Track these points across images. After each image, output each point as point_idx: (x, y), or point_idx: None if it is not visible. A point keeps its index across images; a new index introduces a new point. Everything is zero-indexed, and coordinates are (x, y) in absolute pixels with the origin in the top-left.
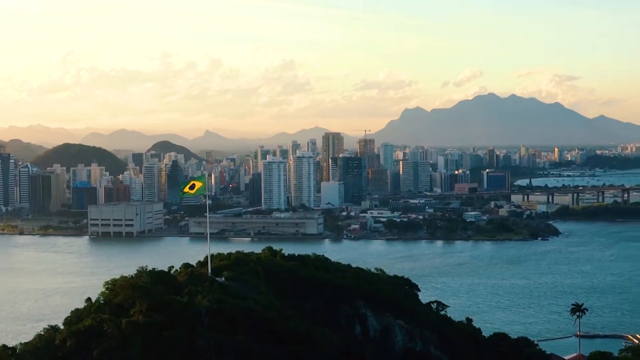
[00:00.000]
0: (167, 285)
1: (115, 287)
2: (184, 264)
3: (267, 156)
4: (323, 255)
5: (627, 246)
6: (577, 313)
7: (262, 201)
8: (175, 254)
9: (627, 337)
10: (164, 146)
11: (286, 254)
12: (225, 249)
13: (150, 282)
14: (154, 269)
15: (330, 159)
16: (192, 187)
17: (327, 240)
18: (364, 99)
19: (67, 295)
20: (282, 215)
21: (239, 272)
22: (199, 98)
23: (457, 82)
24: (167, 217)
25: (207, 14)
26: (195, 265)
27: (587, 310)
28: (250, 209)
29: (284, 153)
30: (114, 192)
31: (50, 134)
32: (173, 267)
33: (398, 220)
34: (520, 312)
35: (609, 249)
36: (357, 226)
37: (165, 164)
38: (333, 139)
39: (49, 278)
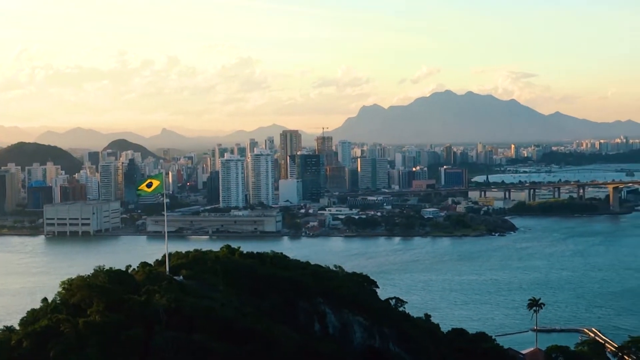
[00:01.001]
0: (125, 284)
1: (71, 286)
2: (141, 263)
3: (225, 154)
4: (281, 253)
5: (582, 241)
6: (534, 308)
7: (220, 199)
8: (132, 253)
9: (583, 331)
10: (120, 144)
11: (244, 252)
12: (183, 247)
13: (107, 281)
14: (111, 268)
15: (288, 157)
16: (149, 185)
17: (285, 238)
18: (322, 96)
19: (22, 296)
20: (241, 213)
21: (197, 271)
22: (156, 96)
23: (414, 79)
24: (124, 216)
25: (164, 12)
26: (153, 264)
27: (543, 305)
28: (208, 207)
29: (242, 151)
30: (70, 192)
31: (5, 133)
32: (130, 266)
33: (356, 217)
34: (478, 308)
35: (565, 244)
36: (315, 223)
37: (122, 163)
38: (291, 137)
39: (3, 278)
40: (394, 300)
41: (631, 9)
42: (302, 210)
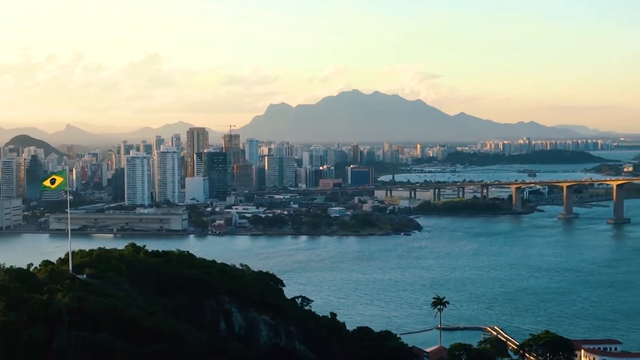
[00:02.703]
0: (26, 283)
1: None
2: (44, 261)
3: (131, 151)
4: (187, 252)
5: (486, 240)
6: (438, 306)
7: (125, 197)
8: (34, 251)
9: (486, 329)
10: (22, 140)
11: (150, 250)
12: (87, 245)
13: (8, 280)
14: (12, 266)
15: (195, 154)
16: (52, 182)
17: (191, 236)
18: (230, 94)
19: None
20: (146, 211)
21: (101, 269)
22: (60, 91)
23: (322, 78)
24: (26, 213)
25: (69, 5)
26: (55, 262)
27: (447, 303)
28: (113, 205)
29: (148, 148)
30: None
31: None
32: (32, 264)
33: (263, 215)
34: (382, 306)
35: (468, 243)
36: (222, 222)
37: (24, 159)
38: (198, 134)
39: None
40: (300, 299)
41: (535, 13)
42: (209, 209)
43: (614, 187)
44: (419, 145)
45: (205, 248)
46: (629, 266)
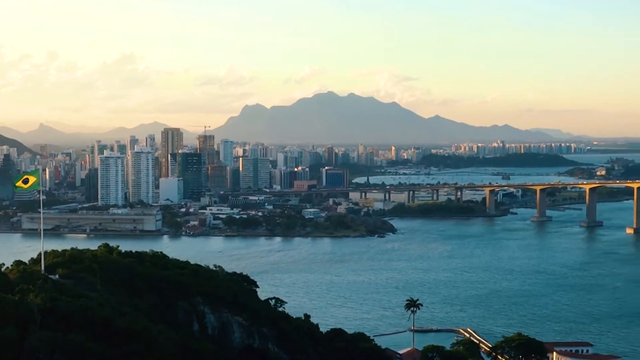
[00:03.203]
0: None
1: None
2: (15, 261)
3: (105, 151)
4: (161, 252)
5: (459, 243)
6: (412, 308)
7: (99, 197)
8: (6, 250)
9: (459, 331)
10: None
11: (123, 251)
12: (59, 245)
13: None
14: None
15: (169, 155)
16: (25, 182)
17: (165, 237)
18: (205, 94)
19: None
20: (120, 211)
21: (74, 270)
22: (34, 90)
23: (298, 79)
24: None
25: (43, 4)
26: (27, 262)
27: (421, 305)
28: (86, 205)
29: (122, 148)
30: None
31: None
32: (4, 264)
33: (237, 216)
34: (356, 308)
35: (442, 245)
36: (196, 222)
37: None
38: (172, 135)
39: None
40: (273, 301)
41: (511, 17)
42: (183, 209)
43: (587, 191)
44: (393, 148)
45: (179, 249)
46: (600, 269)
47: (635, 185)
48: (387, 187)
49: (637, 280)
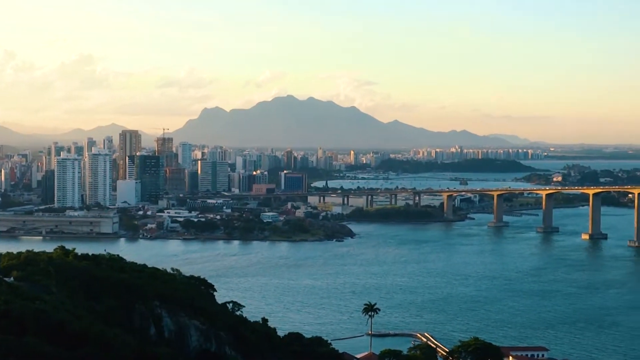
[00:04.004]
0: None
1: None
2: None
3: (61, 153)
4: (118, 255)
5: (417, 248)
6: (369, 313)
7: (55, 199)
8: None
9: (416, 335)
10: None
11: (79, 254)
12: (14, 248)
13: None
14: None
15: (127, 157)
16: None
17: (122, 240)
18: (164, 96)
19: None
20: (76, 213)
21: (29, 272)
22: None
23: (258, 82)
24: None
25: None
26: None
27: (378, 310)
28: (43, 207)
29: (79, 150)
30: None
31: None
32: None
33: (195, 220)
34: (314, 312)
35: (399, 250)
36: (153, 225)
37: None
38: (130, 137)
39: None
40: (231, 304)
41: (471, 23)
42: (140, 212)
43: (544, 197)
44: (352, 152)
45: (136, 252)
46: (555, 275)
47: (590, 192)
48: (346, 191)
49: (591, 286)
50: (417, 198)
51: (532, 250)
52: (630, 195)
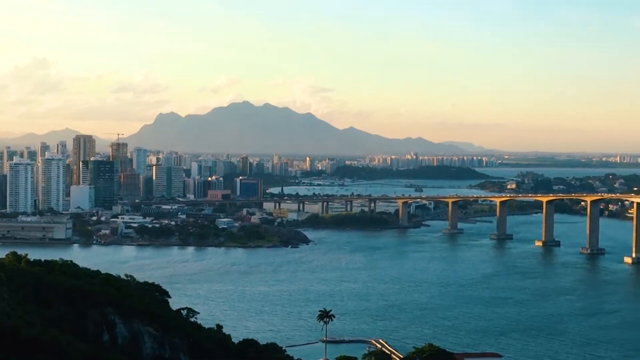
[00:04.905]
0: None
1: None
2: None
3: (14, 157)
4: (71, 261)
5: (372, 254)
6: (324, 319)
7: (7, 204)
8: None
9: (371, 341)
10: None
11: (32, 259)
12: None
13: None
14: None
15: (81, 162)
16: None
17: (76, 246)
18: (119, 101)
19: None
20: (29, 219)
21: None
22: None
23: (214, 88)
24: None
25: None
26: None
27: (333, 316)
28: None
29: (32, 155)
30: None
31: None
32: None
33: (150, 225)
34: (269, 319)
35: (354, 257)
36: (107, 231)
37: None
38: (84, 142)
39: None
40: (185, 311)
41: (426, 32)
42: (94, 218)
43: (498, 204)
44: (308, 158)
45: (90, 258)
46: (507, 282)
47: (544, 199)
48: (301, 197)
49: (543, 293)
50: (372, 205)
51: (485, 257)
52: (582, 203)
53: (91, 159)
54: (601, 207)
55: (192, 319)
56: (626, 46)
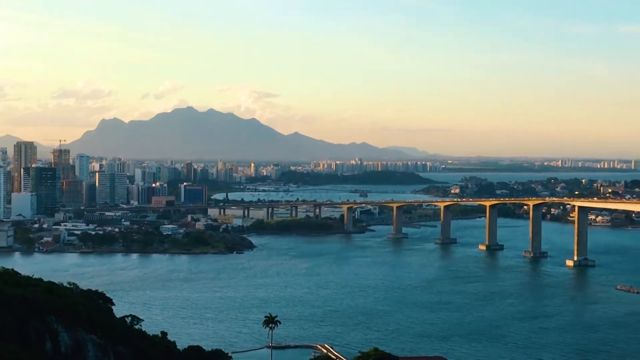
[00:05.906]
0: None
1: None
2: None
3: None
4: (12, 269)
5: (317, 259)
6: (270, 325)
7: None
8: None
9: (316, 347)
10: None
11: None
12: None
13: None
14: None
15: (22, 169)
16: None
17: (17, 253)
18: (61, 107)
19: None
20: None
21: None
22: None
23: (157, 94)
24: None
25: None
26: None
27: (279, 322)
28: None
29: None
30: None
31: None
32: None
33: (93, 233)
34: (214, 325)
35: (299, 262)
36: (49, 239)
37: None
38: (26, 148)
39: None
40: (129, 318)
41: (370, 37)
42: (36, 225)
43: (442, 208)
44: (252, 164)
45: (32, 266)
46: (450, 286)
47: (487, 204)
48: (246, 203)
49: (486, 297)
50: (317, 210)
51: (429, 262)
52: (525, 206)
53: (33, 166)
54: (543, 210)
55: (136, 326)
56: (569, 52)
